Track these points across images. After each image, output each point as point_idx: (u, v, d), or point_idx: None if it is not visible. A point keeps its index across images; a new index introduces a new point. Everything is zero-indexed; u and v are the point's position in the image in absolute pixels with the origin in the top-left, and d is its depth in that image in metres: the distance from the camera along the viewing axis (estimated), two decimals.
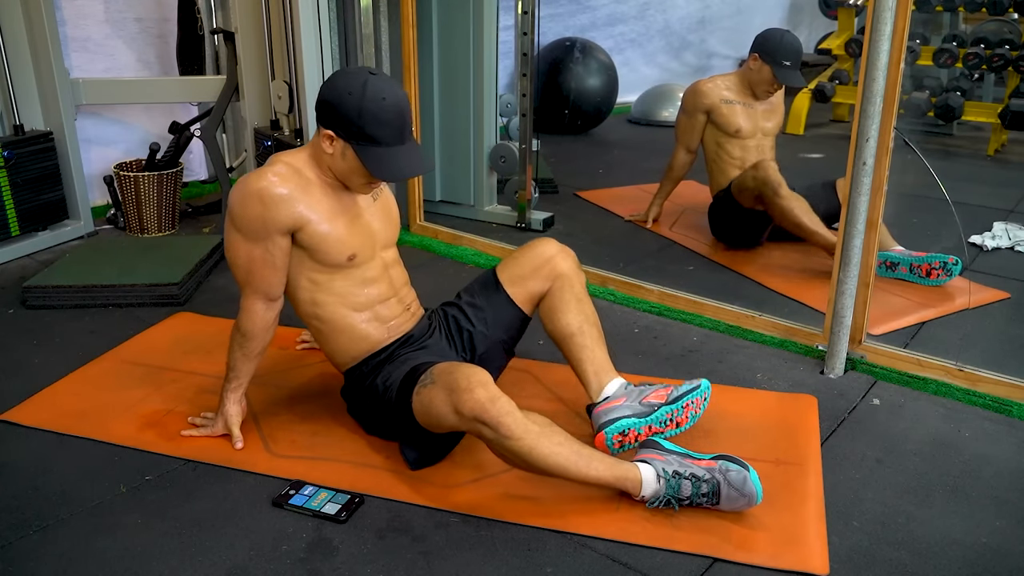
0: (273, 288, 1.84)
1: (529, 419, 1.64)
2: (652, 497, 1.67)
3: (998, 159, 4.82)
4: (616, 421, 1.86)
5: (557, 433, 1.65)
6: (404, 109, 1.72)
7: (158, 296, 2.68)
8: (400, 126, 1.72)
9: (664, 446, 1.75)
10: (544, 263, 2.01)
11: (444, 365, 1.74)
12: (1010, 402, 2.11)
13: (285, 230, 1.77)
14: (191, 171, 3.94)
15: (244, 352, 1.89)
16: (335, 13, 3.03)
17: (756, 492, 1.63)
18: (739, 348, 2.45)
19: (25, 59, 3.15)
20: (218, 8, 3.61)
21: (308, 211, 1.77)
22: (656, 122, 5.60)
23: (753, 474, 1.63)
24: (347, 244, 1.82)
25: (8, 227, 3.08)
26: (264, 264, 1.80)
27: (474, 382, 1.62)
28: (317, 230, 1.78)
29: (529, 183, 3.42)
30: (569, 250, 2.06)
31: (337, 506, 1.68)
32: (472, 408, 1.60)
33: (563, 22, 5.67)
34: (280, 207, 1.74)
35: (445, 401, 1.65)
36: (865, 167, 2.12)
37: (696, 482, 1.65)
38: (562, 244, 2.07)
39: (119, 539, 1.61)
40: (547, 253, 2.03)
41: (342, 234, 1.81)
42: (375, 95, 1.68)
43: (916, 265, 2.83)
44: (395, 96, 1.71)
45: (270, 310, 1.87)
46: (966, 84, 5.00)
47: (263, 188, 1.74)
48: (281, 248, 1.79)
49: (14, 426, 1.99)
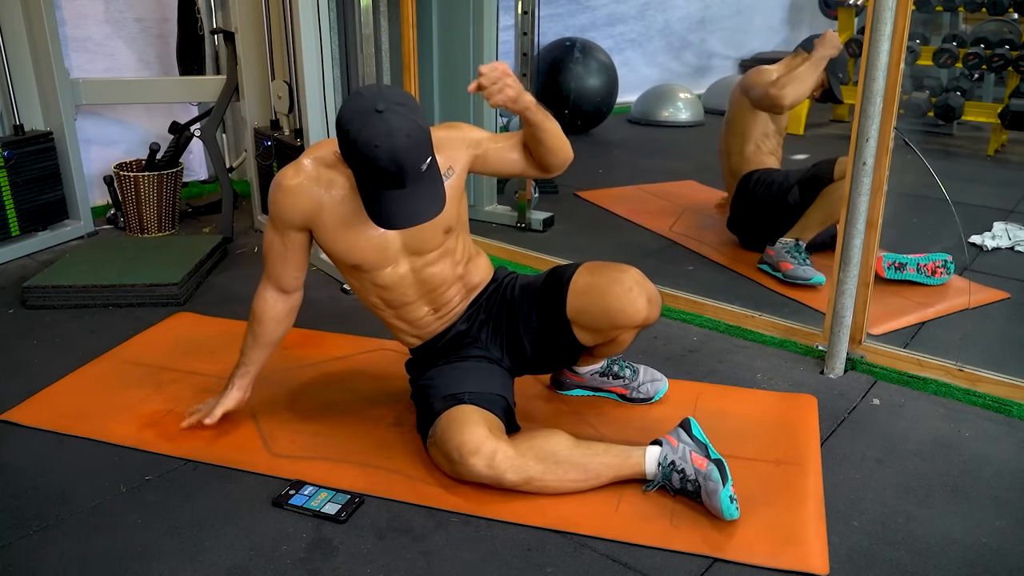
0: (283, 280, 1.87)
1: (529, 456, 1.68)
2: (650, 479, 1.73)
3: (998, 159, 4.82)
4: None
5: (562, 459, 1.70)
6: (402, 156, 1.55)
7: (158, 296, 2.68)
8: (397, 172, 1.57)
9: (693, 433, 1.77)
10: (627, 321, 1.81)
11: (446, 419, 1.73)
12: (1010, 402, 2.11)
13: (298, 226, 1.78)
14: (191, 171, 3.94)
15: (254, 336, 1.92)
16: (335, 13, 3.02)
17: (720, 508, 1.61)
18: (739, 348, 2.45)
19: (25, 59, 3.15)
20: (218, 8, 3.61)
21: (320, 212, 1.75)
22: (656, 122, 5.60)
23: (725, 491, 1.61)
24: (351, 254, 1.80)
25: (8, 227, 3.08)
26: (278, 255, 1.84)
27: (465, 453, 1.67)
28: (326, 235, 1.78)
29: (529, 183, 3.42)
30: (658, 298, 1.86)
31: (337, 506, 1.68)
32: (472, 477, 1.69)
33: (563, 22, 5.66)
34: (293, 201, 1.75)
35: (448, 467, 1.73)
36: (865, 167, 2.12)
37: (683, 478, 1.69)
38: (650, 290, 1.82)
39: (119, 539, 1.61)
40: (635, 316, 1.79)
41: (348, 243, 1.78)
42: (368, 141, 1.55)
43: (922, 264, 2.84)
44: (390, 143, 1.54)
45: (281, 301, 1.90)
46: (966, 84, 5.00)
47: (282, 181, 1.76)
48: (295, 243, 1.81)
49: (14, 426, 1.99)
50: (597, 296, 1.80)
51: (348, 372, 2.26)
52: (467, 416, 1.72)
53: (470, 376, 1.84)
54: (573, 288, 1.83)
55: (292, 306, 1.93)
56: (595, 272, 1.84)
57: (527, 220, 3.47)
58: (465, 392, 1.78)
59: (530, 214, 3.47)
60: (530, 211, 3.47)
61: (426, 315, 1.90)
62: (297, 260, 1.85)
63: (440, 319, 1.92)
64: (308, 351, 2.35)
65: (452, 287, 1.90)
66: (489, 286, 1.96)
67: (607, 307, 1.79)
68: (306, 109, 2.96)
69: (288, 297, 1.90)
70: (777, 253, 2.90)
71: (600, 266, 1.86)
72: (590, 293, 1.81)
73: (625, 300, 1.78)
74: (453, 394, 1.77)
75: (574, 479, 1.70)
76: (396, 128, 1.55)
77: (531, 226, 3.47)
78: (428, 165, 1.62)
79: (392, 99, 1.58)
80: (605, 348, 1.94)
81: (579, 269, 1.86)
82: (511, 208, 3.54)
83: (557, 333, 1.87)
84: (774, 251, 2.92)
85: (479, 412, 1.73)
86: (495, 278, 1.98)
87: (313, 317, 2.10)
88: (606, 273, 1.83)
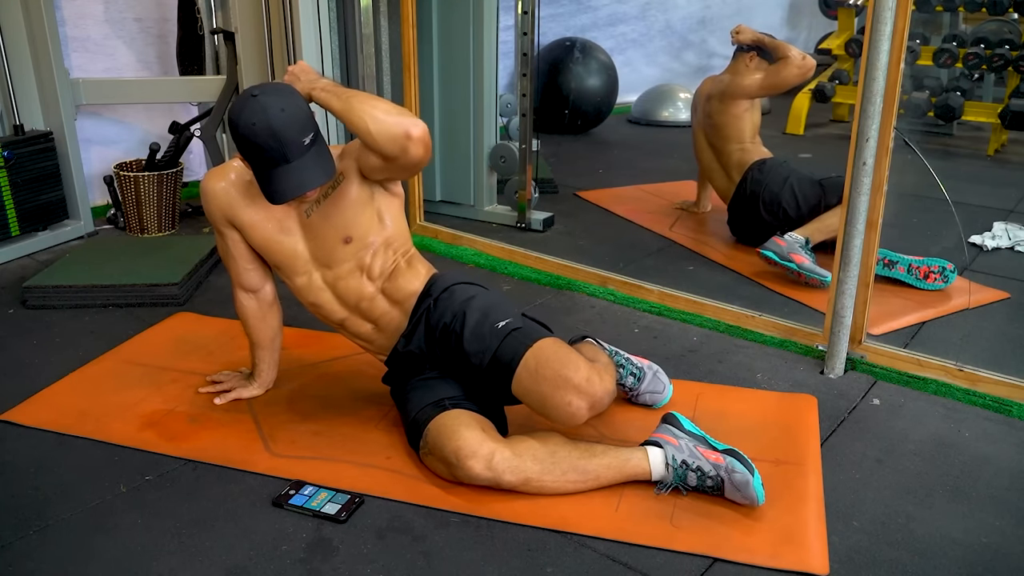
0: (241, 277, 1.96)
1: (527, 456, 1.68)
2: (660, 482, 1.72)
3: (998, 159, 4.82)
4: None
5: (560, 459, 1.70)
6: (277, 128, 1.62)
7: (158, 296, 2.69)
8: (278, 146, 1.63)
9: (683, 426, 1.79)
10: (565, 426, 1.73)
11: (435, 428, 1.73)
12: (1010, 402, 2.11)
13: (225, 223, 1.89)
14: (191, 171, 3.94)
15: (248, 339, 2.06)
16: (335, 13, 3.03)
17: (757, 497, 1.65)
18: (739, 348, 2.45)
19: (25, 59, 3.15)
20: (218, 8, 3.60)
21: (238, 211, 1.86)
22: (656, 122, 5.60)
23: (756, 478, 1.65)
24: (268, 254, 1.89)
25: (8, 227, 3.08)
26: (225, 254, 1.96)
27: (463, 457, 1.66)
28: (247, 234, 1.88)
29: (529, 183, 3.42)
30: (604, 401, 1.72)
31: (337, 506, 1.68)
32: (471, 480, 1.68)
33: (564, 22, 5.66)
34: (214, 202, 1.87)
35: (446, 472, 1.73)
36: (865, 167, 2.12)
37: (701, 476, 1.69)
38: (594, 395, 1.67)
39: (119, 539, 1.61)
40: (571, 424, 1.70)
41: (264, 242, 1.88)
42: (247, 121, 1.63)
43: (915, 266, 2.82)
44: (265, 117, 1.62)
45: (251, 300, 2.00)
46: (966, 84, 5.00)
47: (204, 183, 1.89)
48: (233, 240, 1.92)
49: (14, 426, 1.99)
50: (537, 399, 1.70)
51: (348, 372, 2.26)
52: (458, 420, 1.71)
53: (444, 384, 1.83)
54: (516, 381, 1.72)
55: (266, 303, 2.01)
56: (540, 367, 1.70)
57: (527, 220, 3.47)
58: (445, 398, 1.78)
59: (530, 214, 3.47)
60: (530, 211, 3.47)
61: (371, 331, 1.93)
62: (244, 255, 1.93)
63: (384, 334, 1.92)
64: (308, 351, 2.35)
65: (375, 301, 1.88)
66: (424, 293, 1.87)
67: (546, 411, 1.70)
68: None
69: (256, 295, 2.00)
70: (789, 245, 2.88)
71: (546, 361, 1.69)
72: (529, 395, 1.72)
73: (565, 413, 1.68)
74: (433, 403, 1.78)
75: (573, 480, 1.70)
76: (270, 105, 1.64)
77: (531, 226, 3.47)
78: (311, 140, 1.68)
79: (268, 87, 1.70)
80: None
81: (524, 357, 1.71)
82: (511, 208, 3.54)
83: (503, 393, 1.78)
84: (785, 242, 2.89)
85: (468, 414, 1.73)
86: (427, 289, 1.88)
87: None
88: (550, 375, 1.68)
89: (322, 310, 1.93)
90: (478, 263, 3.10)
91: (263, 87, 1.69)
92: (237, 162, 1.83)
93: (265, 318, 2.01)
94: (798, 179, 3.10)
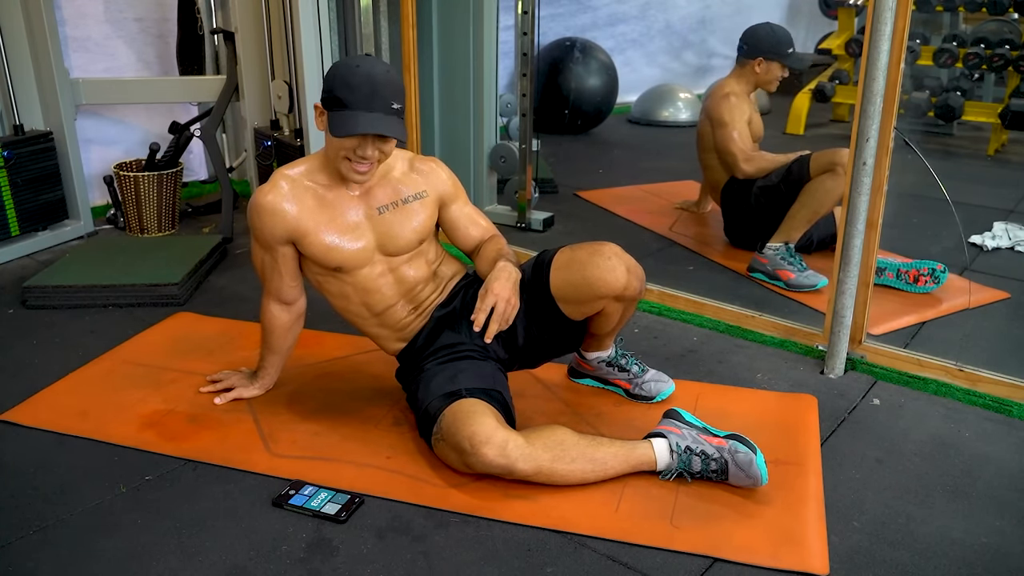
0: (283, 292, 1.98)
1: (538, 445, 1.70)
2: (665, 469, 1.75)
3: (998, 159, 4.82)
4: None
5: (569, 447, 1.72)
6: (377, 79, 1.71)
7: (158, 296, 2.69)
8: (368, 92, 1.70)
9: (685, 418, 1.84)
10: (608, 290, 1.83)
11: (451, 414, 1.74)
12: (1010, 402, 2.11)
13: (283, 240, 1.88)
14: (191, 171, 3.94)
15: (267, 345, 2.07)
16: (335, 13, 3.03)
17: (760, 475, 1.69)
18: (739, 348, 2.45)
19: (25, 59, 3.15)
20: (218, 8, 3.61)
21: (299, 223, 1.85)
22: (656, 122, 5.60)
23: (759, 457, 1.70)
24: (331, 255, 1.88)
25: (8, 227, 3.08)
26: (272, 270, 1.94)
27: (477, 443, 1.67)
28: (308, 242, 1.86)
29: (529, 183, 3.42)
30: (638, 270, 1.88)
31: (337, 506, 1.68)
32: (484, 468, 1.69)
33: (564, 22, 5.66)
34: (278, 216, 1.85)
35: (457, 460, 1.74)
36: (865, 167, 2.12)
37: (705, 459, 1.73)
38: (629, 261, 1.86)
39: (119, 539, 1.61)
40: (615, 284, 1.82)
41: (329, 244, 1.87)
42: (351, 64, 1.74)
43: (903, 271, 2.79)
44: (370, 67, 1.73)
45: (284, 312, 2.01)
46: (966, 84, 5.00)
47: (259, 200, 1.85)
48: (285, 256, 1.91)
49: (14, 426, 1.99)
50: (578, 267, 1.84)
51: (348, 372, 2.26)
52: (473, 408, 1.73)
53: (463, 373, 1.85)
54: (555, 264, 1.88)
55: (297, 315, 2.04)
56: (575, 248, 1.90)
57: (527, 220, 3.47)
58: (462, 388, 1.79)
59: (530, 214, 3.47)
60: (530, 211, 3.47)
61: (407, 315, 1.96)
62: (290, 271, 1.95)
63: (420, 316, 1.96)
64: (308, 351, 2.35)
65: (427, 285, 1.97)
66: (465, 278, 2.02)
67: (587, 276, 1.83)
68: (306, 109, 2.96)
69: (290, 308, 2.02)
70: (771, 261, 2.87)
71: (580, 244, 1.91)
72: (571, 266, 1.86)
73: (604, 268, 1.82)
74: (450, 392, 1.78)
75: (583, 469, 1.71)
76: (380, 62, 1.77)
77: (531, 226, 3.47)
78: (398, 110, 1.74)
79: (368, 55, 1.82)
80: (600, 324, 1.96)
81: (560, 248, 1.92)
82: (511, 208, 3.54)
83: (544, 313, 1.90)
84: (767, 259, 2.89)
85: (483, 404, 1.75)
86: (469, 273, 2.05)
87: (313, 317, 2.11)
88: (586, 247, 1.88)
89: (374, 296, 1.92)
90: None
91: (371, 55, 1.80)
92: (282, 177, 1.86)
93: (291, 329, 2.05)
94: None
